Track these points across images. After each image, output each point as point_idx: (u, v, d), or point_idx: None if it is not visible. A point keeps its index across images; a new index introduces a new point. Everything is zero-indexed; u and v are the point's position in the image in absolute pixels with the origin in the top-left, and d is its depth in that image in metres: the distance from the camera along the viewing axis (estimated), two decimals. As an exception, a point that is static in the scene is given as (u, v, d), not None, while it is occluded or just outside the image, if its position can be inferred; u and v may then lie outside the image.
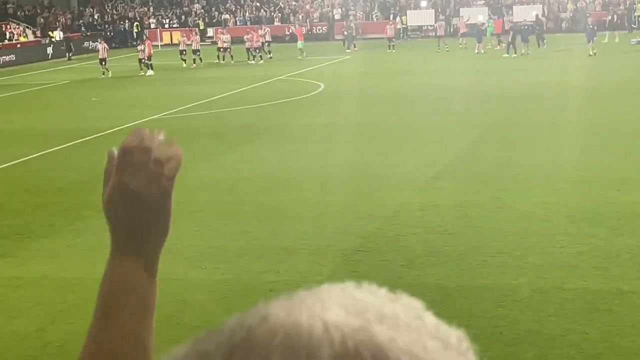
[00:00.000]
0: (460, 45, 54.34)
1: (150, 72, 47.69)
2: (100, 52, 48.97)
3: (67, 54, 64.09)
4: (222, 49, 54.11)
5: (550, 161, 20.50)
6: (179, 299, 12.76)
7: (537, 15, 57.76)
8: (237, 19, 73.44)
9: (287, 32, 62.53)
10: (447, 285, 12.76)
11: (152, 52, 49.32)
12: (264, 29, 57.60)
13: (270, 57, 54.55)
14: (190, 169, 21.59)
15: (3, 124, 31.52)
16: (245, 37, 55.23)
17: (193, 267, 14.24)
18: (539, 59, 45.10)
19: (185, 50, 53.01)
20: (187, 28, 70.61)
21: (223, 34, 56.67)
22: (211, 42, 56.31)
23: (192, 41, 54.15)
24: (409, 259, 14.03)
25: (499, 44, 53.09)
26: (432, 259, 13.98)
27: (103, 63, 48.11)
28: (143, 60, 48.97)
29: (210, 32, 62.08)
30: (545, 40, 51.68)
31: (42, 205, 18.90)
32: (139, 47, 50.56)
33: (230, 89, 38.57)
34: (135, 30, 73.93)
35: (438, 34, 55.60)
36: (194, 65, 52.06)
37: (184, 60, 52.52)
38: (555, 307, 11.75)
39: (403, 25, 57.37)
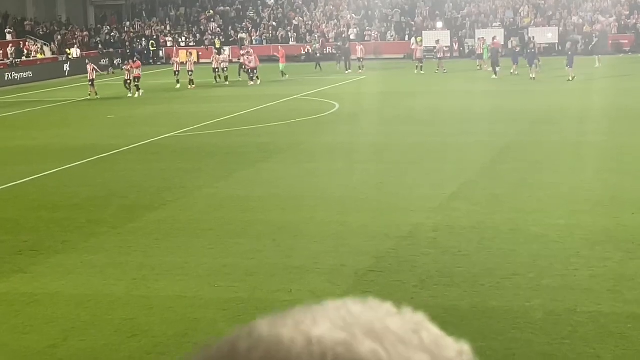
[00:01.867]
0: (478, 67, 54.30)
1: (139, 93, 46.74)
2: (89, 73, 47.69)
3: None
4: (218, 70, 53.23)
5: (565, 183, 20.46)
6: (190, 317, 12.77)
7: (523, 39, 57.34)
8: (253, 38, 73.66)
9: (302, 52, 62.64)
10: (460, 307, 12.73)
11: (140, 73, 47.83)
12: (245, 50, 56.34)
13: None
14: (204, 187, 21.63)
15: (20, 140, 31.67)
16: (241, 57, 54.86)
17: (205, 284, 14.24)
18: (551, 81, 45.01)
19: (217, 68, 52.49)
20: (203, 47, 70.87)
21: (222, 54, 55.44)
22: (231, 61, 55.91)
23: (212, 59, 54.02)
24: (422, 280, 14.00)
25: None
26: (446, 280, 13.95)
27: (91, 84, 47.29)
28: (128, 81, 47.62)
29: (227, 50, 62.19)
30: (536, 62, 51.18)
31: (57, 222, 18.95)
32: (125, 67, 49.05)
33: (246, 107, 38.64)
34: (152, 48, 74.23)
35: (416, 57, 55.63)
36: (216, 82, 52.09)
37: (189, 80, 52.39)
38: (569, 330, 11.70)
39: (419, 46, 57.42)
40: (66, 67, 65.49)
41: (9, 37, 69.76)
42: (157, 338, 11.98)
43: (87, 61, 51.16)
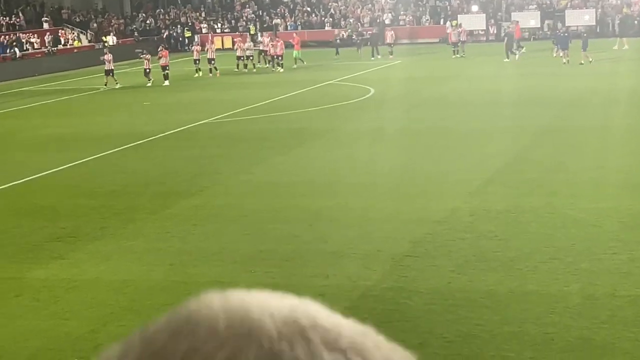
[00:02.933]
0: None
1: (165, 83, 46.27)
2: (107, 63, 47.23)
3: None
4: (242, 57, 52.97)
5: (601, 166, 20.30)
6: (228, 303, 12.82)
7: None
8: (287, 23, 73.67)
9: (337, 37, 62.53)
10: (497, 291, 12.69)
11: (167, 62, 47.21)
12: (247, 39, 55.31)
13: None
14: (240, 173, 21.70)
15: (58, 128, 31.91)
16: (264, 44, 54.62)
17: (242, 271, 14.30)
18: (584, 64, 44.61)
19: (242, 56, 52.44)
20: (237, 33, 70.93)
21: (243, 42, 55.12)
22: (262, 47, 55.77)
23: (236, 47, 53.89)
24: (459, 264, 13.97)
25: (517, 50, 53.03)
26: (483, 264, 13.91)
27: (111, 74, 47.10)
28: (147, 70, 47.18)
29: (262, 36, 62.15)
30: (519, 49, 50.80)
31: (95, 208, 19.10)
32: (144, 56, 48.41)
33: (280, 93, 38.66)
34: (186, 35, 74.42)
35: (452, 41, 55.44)
36: (246, 70, 52.03)
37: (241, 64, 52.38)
38: (607, 314, 11.63)
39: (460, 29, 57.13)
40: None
41: (46, 25, 70.25)
42: (194, 323, 12.03)
43: (105, 51, 50.91)
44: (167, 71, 46.71)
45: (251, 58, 52.89)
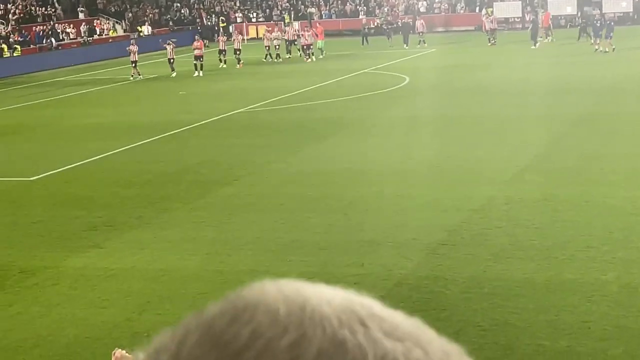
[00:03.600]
0: (547, 40, 53.56)
1: (199, 73, 45.94)
2: (132, 54, 47.02)
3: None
4: (269, 47, 52.42)
5: (638, 154, 20.12)
6: (264, 291, 12.86)
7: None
8: (322, 12, 73.58)
9: (365, 26, 62.28)
10: (534, 280, 12.63)
11: (201, 52, 46.73)
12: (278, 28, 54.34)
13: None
14: (275, 162, 21.73)
15: (94, 118, 32.11)
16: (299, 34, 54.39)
17: (277, 259, 14.33)
18: (618, 51, 44.18)
19: (268, 46, 52.23)
20: (272, 22, 70.94)
21: (270, 32, 54.75)
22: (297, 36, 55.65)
23: (263, 37, 53.53)
24: (495, 253, 13.91)
25: (546, 37, 52.67)
26: (519, 253, 13.84)
27: (134, 65, 46.94)
28: (172, 60, 47.09)
29: (296, 25, 62.03)
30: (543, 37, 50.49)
31: (131, 198, 19.21)
32: (168, 46, 47.96)
33: (315, 82, 38.66)
34: (221, 24, 74.56)
35: (485, 29, 55.31)
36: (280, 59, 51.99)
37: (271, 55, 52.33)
38: (645, 303, 11.55)
39: (493, 17, 56.80)
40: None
41: (81, 15, 70.73)
42: (230, 312, 12.06)
43: (132, 42, 50.61)
44: (201, 61, 46.55)
45: (277, 47, 52.50)
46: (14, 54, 59.07)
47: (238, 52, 50.10)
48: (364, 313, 0.86)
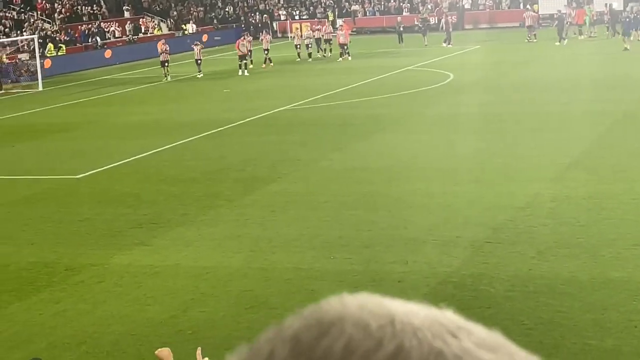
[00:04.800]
0: (592, 35, 53.08)
1: (243, 72, 45.39)
2: (163, 54, 46.48)
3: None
4: (299, 46, 51.99)
5: (688, 151, 19.89)
6: (307, 289, 12.88)
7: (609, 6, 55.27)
8: (366, 9, 73.46)
9: (415, 23, 62.04)
10: (579, 278, 12.52)
11: (244, 51, 45.84)
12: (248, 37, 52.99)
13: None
14: (320, 160, 21.74)
15: (139, 116, 32.33)
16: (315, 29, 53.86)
17: (321, 257, 14.33)
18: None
19: (299, 44, 51.62)
20: (315, 20, 70.93)
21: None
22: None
23: (293, 36, 52.98)
24: (540, 251, 13.81)
25: (580, 35, 52.20)
26: (565, 251, 13.74)
27: (165, 65, 46.26)
28: (199, 60, 46.52)
29: (339, 22, 61.89)
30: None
31: (176, 195, 19.32)
32: (196, 47, 47.22)
33: (358, 79, 38.60)
34: (265, 22, 74.69)
35: (526, 25, 54.81)
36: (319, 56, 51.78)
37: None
38: (693, 302, 11.41)
39: (534, 14, 56.35)
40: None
41: (126, 14, 71.19)
42: (275, 310, 12.12)
43: (163, 41, 50.25)
44: (245, 60, 46.01)
45: (309, 46, 51.98)
46: (59, 53, 59.57)
47: (266, 52, 49.19)
48: (451, 325, 0.85)
